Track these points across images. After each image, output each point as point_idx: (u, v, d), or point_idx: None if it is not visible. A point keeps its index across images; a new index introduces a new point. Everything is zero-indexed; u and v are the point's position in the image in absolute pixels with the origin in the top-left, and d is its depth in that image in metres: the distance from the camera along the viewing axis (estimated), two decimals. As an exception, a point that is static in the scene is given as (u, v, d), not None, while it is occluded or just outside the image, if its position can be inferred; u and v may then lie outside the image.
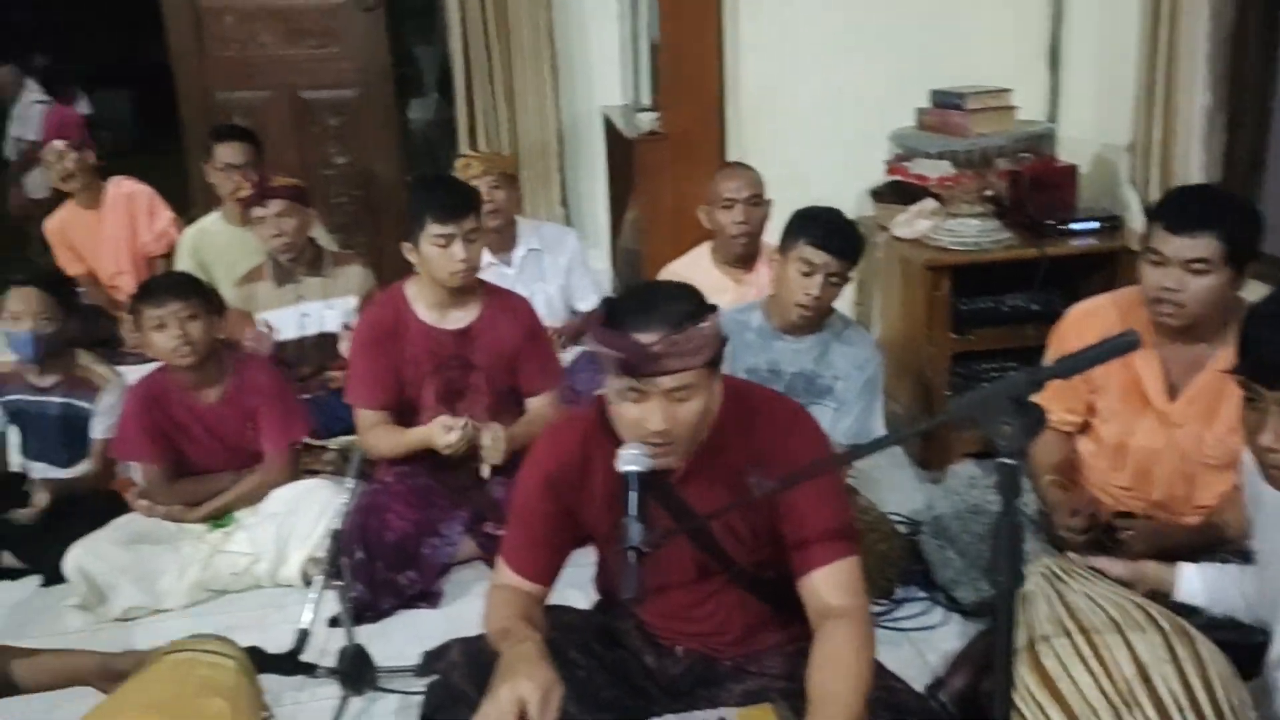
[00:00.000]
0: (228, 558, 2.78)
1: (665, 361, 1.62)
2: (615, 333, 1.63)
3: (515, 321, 2.85)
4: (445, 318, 2.81)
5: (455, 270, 2.69)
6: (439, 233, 2.66)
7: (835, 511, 1.76)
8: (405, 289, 2.84)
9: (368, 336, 2.82)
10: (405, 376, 2.80)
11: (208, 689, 1.65)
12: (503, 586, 1.87)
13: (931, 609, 2.55)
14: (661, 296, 1.68)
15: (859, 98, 3.61)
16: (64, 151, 4.19)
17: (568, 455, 1.83)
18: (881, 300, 3.48)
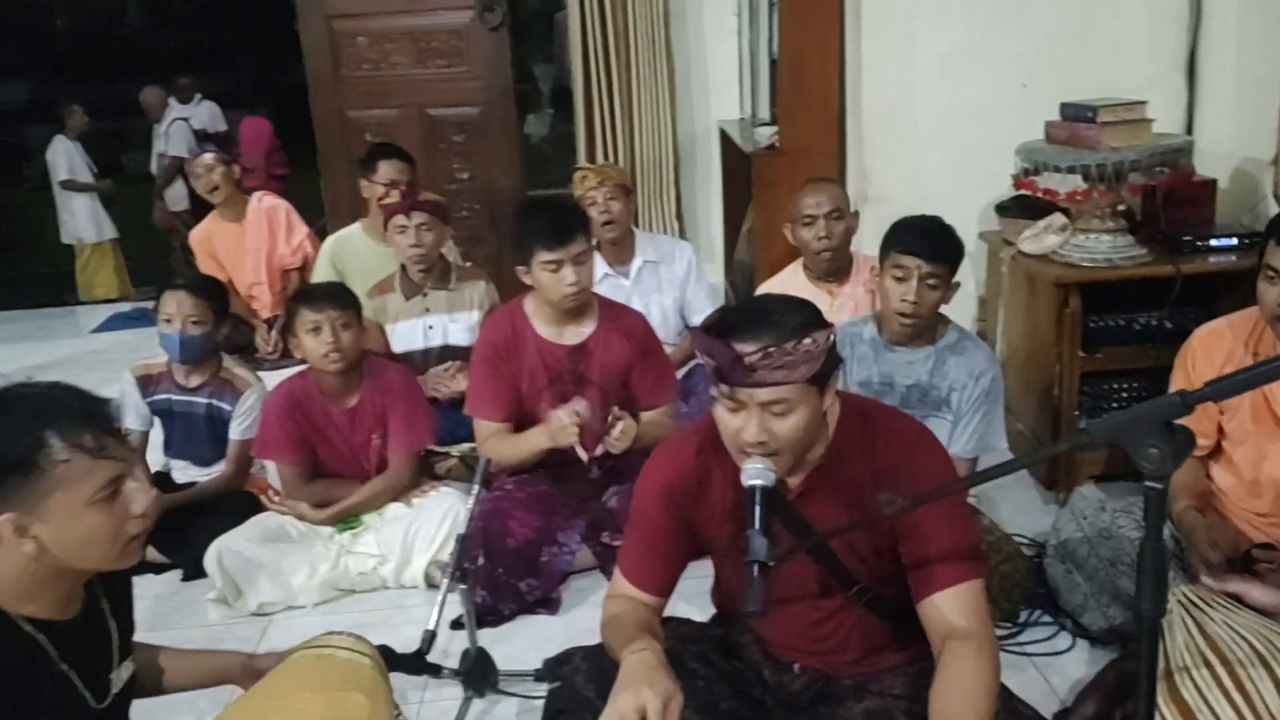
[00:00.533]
0: (356, 558, 2.87)
1: (759, 373, 1.61)
2: (714, 339, 1.64)
3: (629, 337, 2.89)
4: (561, 333, 2.86)
5: (566, 294, 2.75)
6: (548, 259, 2.72)
7: (960, 532, 1.73)
8: (524, 304, 2.91)
9: (487, 351, 2.89)
10: (522, 390, 2.87)
11: (348, 683, 1.72)
12: (620, 597, 1.90)
13: (1058, 634, 2.48)
14: (773, 308, 1.67)
15: (984, 111, 3.55)
16: (213, 164, 4.42)
17: (686, 468, 1.84)
18: (1005, 317, 3.40)
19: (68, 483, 1.41)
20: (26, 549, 1.42)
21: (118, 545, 1.49)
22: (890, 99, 3.62)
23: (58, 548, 1.43)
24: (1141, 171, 2.95)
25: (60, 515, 1.41)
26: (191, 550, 2.88)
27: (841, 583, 1.84)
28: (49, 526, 1.41)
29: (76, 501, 1.42)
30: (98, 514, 1.44)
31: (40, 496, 1.40)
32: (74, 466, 1.41)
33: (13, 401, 1.45)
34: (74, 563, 1.48)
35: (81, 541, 1.45)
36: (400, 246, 3.44)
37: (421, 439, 3.02)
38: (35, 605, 1.49)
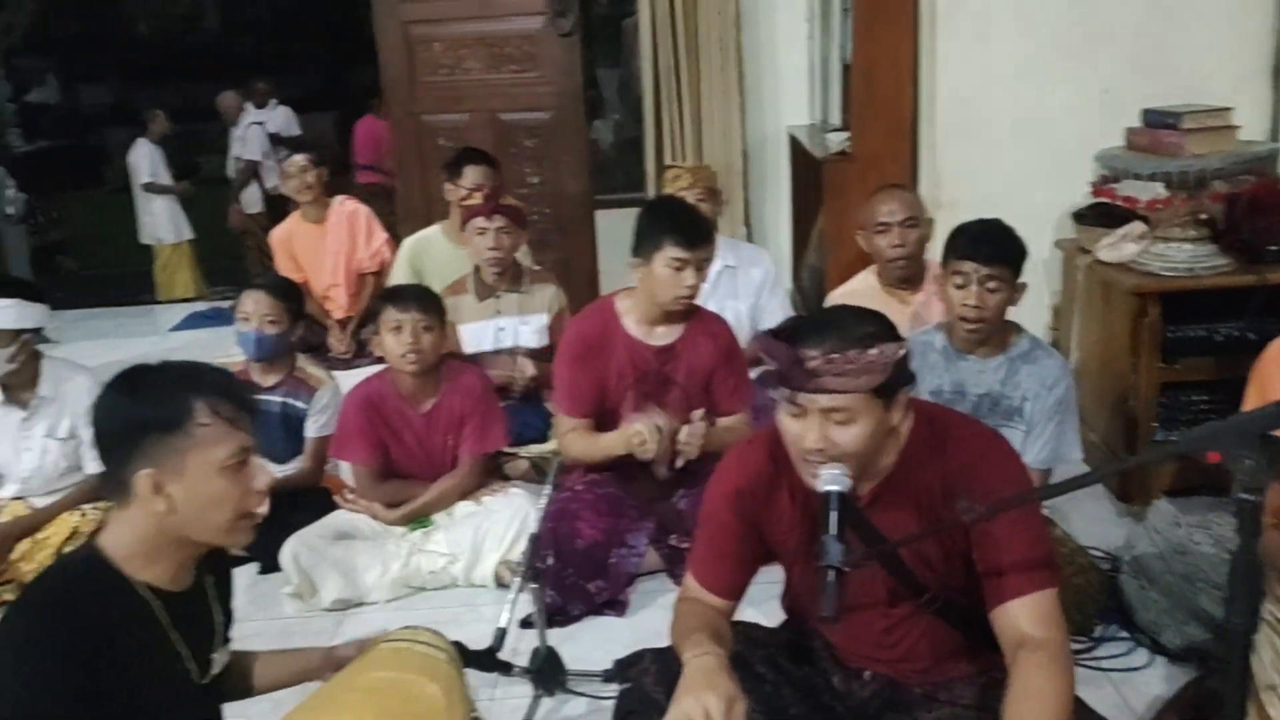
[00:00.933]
0: (427, 557, 2.92)
1: (820, 380, 1.61)
2: (778, 342, 1.64)
3: (714, 342, 2.91)
4: (651, 334, 2.88)
5: (682, 295, 2.77)
6: (677, 256, 2.73)
7: (1033, 541, 1.70)
8: (616, 302, 2.93)
9: (578, 346, 2.91)
10: (608, 388, 2.89)
11: (425, 676, 1.75)
12: (690, 600, 1.90)
13: (1134, 650, 2.43)
14: (842, 316, 1.68)
15: (1062, 116, 3.50)
16: (306, 166, 4.52)
17: (756, 471, 1.84)
18: (1080, 326, 3.35)
19: (205, 445, 1.53)
20: (158, 507, 1.52)
21: (236, 516, 1.58)
22: (965, 104, 3.58)
23: (185, 508, 1.53)
24: (1225, 179, 2.89)
25: (194, 475, 1.53)
26: (268, 544, 2.92)
27: (911, 590, 1.82)
28: (182, 485, 1.52)
29: (210, 464, 1.53)
30: (225, 480, 1.55)
31: (179, 454, 1.52)
32: (213, 431, 1.53)
33: (164, 369, 1.59)
34: (195, 529, 1.57)
35: (207, 504, 1.55)
36: (478, 248, 3.49)
37: (495, 443, 3.06)
38: (154, 572, 1.59)
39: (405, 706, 1.67)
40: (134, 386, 1.56)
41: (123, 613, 1.55)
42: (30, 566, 2.88)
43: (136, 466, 1.52)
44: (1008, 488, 1.72)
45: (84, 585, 1.54)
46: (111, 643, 1.51)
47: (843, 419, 1.63)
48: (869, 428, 1.65)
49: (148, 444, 1.52)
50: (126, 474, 1.53)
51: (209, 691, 1.75)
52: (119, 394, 1.56)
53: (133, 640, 1.55)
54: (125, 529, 1.58)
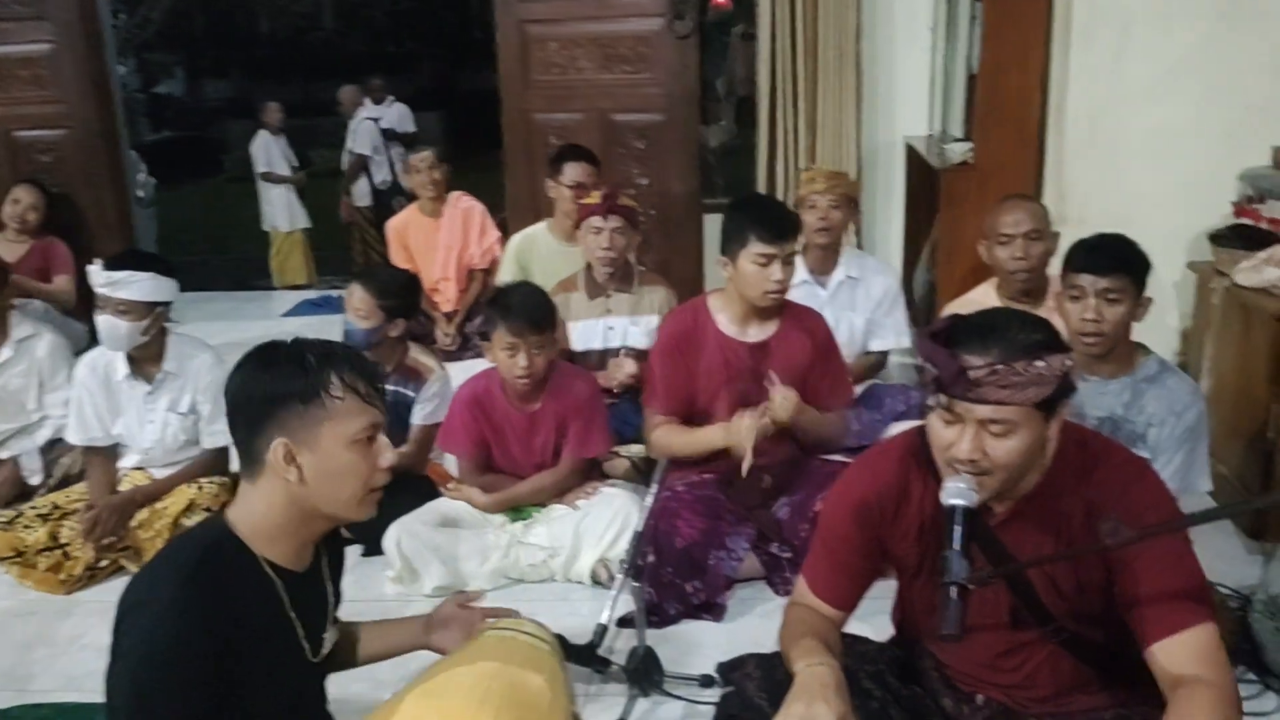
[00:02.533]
0: (526, 549, 2.92)
1: (982, 389, 1.55)
2: (939, 346, 1.58)
3: (810, 338, 2.86)
4: (744, 331, 2.85)
5: (769, 290, 2.74)
6: (761, 251, 2.70)
7: (1183, 573, 1.61)
8: (709, 300, 2.91)
9: (669, 343, 2.91)
10: (699, 385, 2.86)
11: (530, 665, 1.74)
12: (801, 606, 1.86)
13: (1264, 694, 2.30)
14: (1009, 323, 1.60)
15: (1201, 133, 3.35)
16: (433, 162, 4.62)
17: (884, 483, 1.79)
18: (1213, 351, 3.19)
19: (338, 417, 1.58)
20: (289, 476, 1.57)
21: (363, 490, 1.62)
22: (1096, 116, 3.46)
23: (315, 479, 1.58)
24: (1380, 202, 2.72)
25: (325, 446, 1.57)
26: (371, 528, 2.95)
27: (1036, 616, 1.75)
28: (313, 456, 1.57)
29: (342, 437, 1.58)
30: (355, 454, 1.59)
31: (313, 425, 1.57)
32: (346, 404, 1.59)
33: (302, 344, 1.64)
34: (323, 500, 1.60)
35: (337, 476, 1.59)
36: (591, 247, 3.49)
37: (597, 449, 3.04)
38: (278, 550, 1.63)
39: (512, 694, 1.66)
40: (271, 360, 1.60)
41: (250, 589, 1.59)
42: (148, 534, 2.97)
43: (271, 436, 1.56)
44: (1156, 518, 1.63)
45: (217, 558, 1.58)
46: (239, 618, 1.54)
47: (1001, 431, 1.58)
48: (1026, 441, 1.59)
49: (283, 414, 1.56)
50: (260, 444, 1.57)
51: (319, 670, 1.79)
52: (256, 366, 1.61)
53: (257, 617, 1.59)
54: (255, 502, 1.62)
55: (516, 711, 1.64)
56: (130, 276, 2.89)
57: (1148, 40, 3.37)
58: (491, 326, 2.87)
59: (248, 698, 1.56)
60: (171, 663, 1.46)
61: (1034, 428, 1.59)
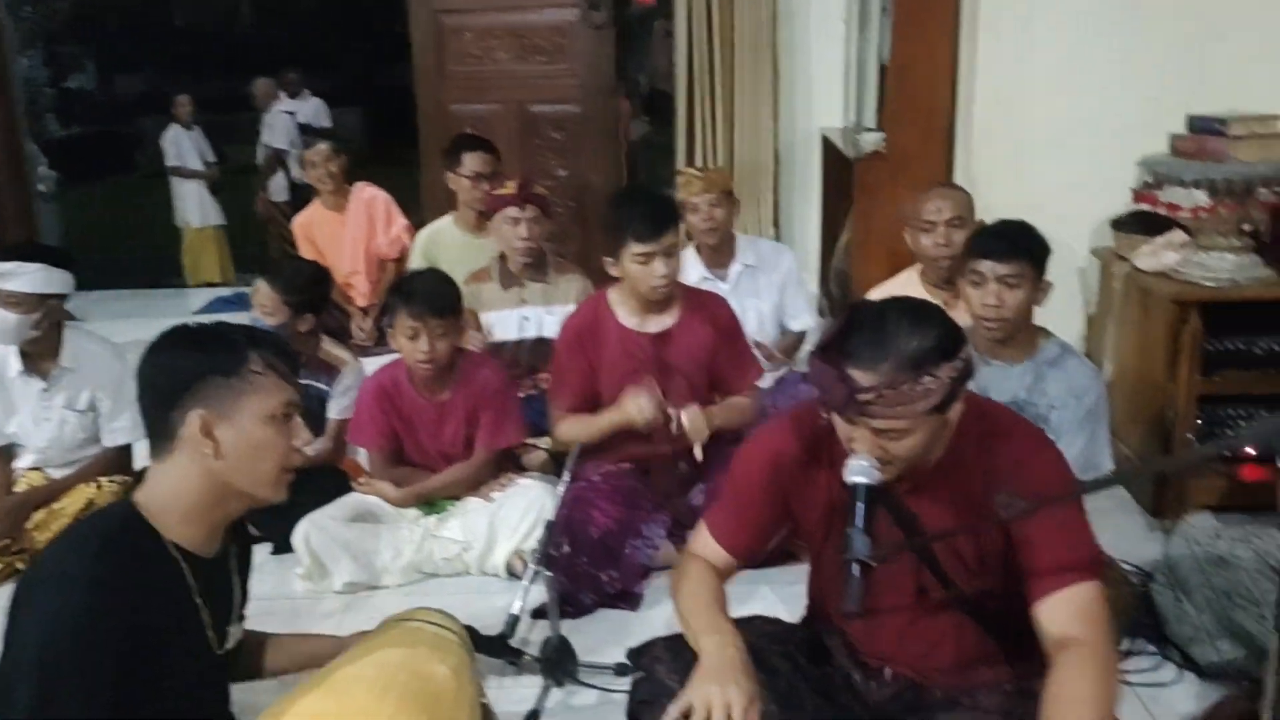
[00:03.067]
0: (440, 543, 2.87)
1: (871, 409, 1.55)
2: (828, 367, 1.56)
3: (712, 323, 2.87)
4: (645, 322, 2.85)
5: (656, 285, 2.75)
6: (639, 251, 2.71)
7: (1075, 540, 1.65)
8: (609, 294, 2.91)
9: (569, 338, 2.91)
10: (603, 379, 2.85)
11: (435, 655, 1.71)
12: (698, 557, 1.86)
13: (1163, 665, 2.36)
14: (899, 330, 1.56)
15: (1103, 122, 3.42)
16: (329, 154, 4.51)
17: (801, 442, 1.79)
18: (1116, 335, 3.27)
19: (259, 392, 1.59)
20: (206, 450, 1.56)
21: (280, 468, 1.63)
22: (1003, 107, 3.51)
23: (233, 454, 1.57)
24: (1271, 188, 2.81)
25: (244, 421, 1.58)
26: (281, 525, 2.90)
27: (941, 586, 1.77)
28: (232, 430, 1.57)
29: (261, 412, 1.59)
30: (273, 430, 1.61)
31: (233, 399, 1.57)
32: (267, 380, 1.60)
33: (224, 325, 1.69)
34: (239, 477, 1.60)
35: (255, 451, 1.59)
36: (508, 238, 3.45)
37: (509, 439, 3.00)
38: (187, 533, 1.60)
39: (415, 684, 1.63)
40: (191, 336, 1.62)
41: (157, 570, 1.56)
42: (45, 536, 2.86)
43: (188, 409, 1.55)
44: (1052, 488, 1.67)
45: (124, 538, 1.55)
46: (146, 597, 1.51)
47: (897, 435, 1.59)
48: (924, 438, 1.61)
49: (202, 387, 1.56)
50: (175, 418, 1.56)
51: (224, 664, 1.74)
52: (175, 342, 1.61)
53: (164, 599, 1.56)
54: (165, 481, 1.59)
55: (420, 702, 1.60)
56: (19, 268, 2.79)
57: (1050, 31, 3.44)
58: (393, 313, 2.82)
59: (152, 682, 1.52)
60: (80, 635, 1.43)
61: (930, 426, 1.60)
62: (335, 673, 1.65)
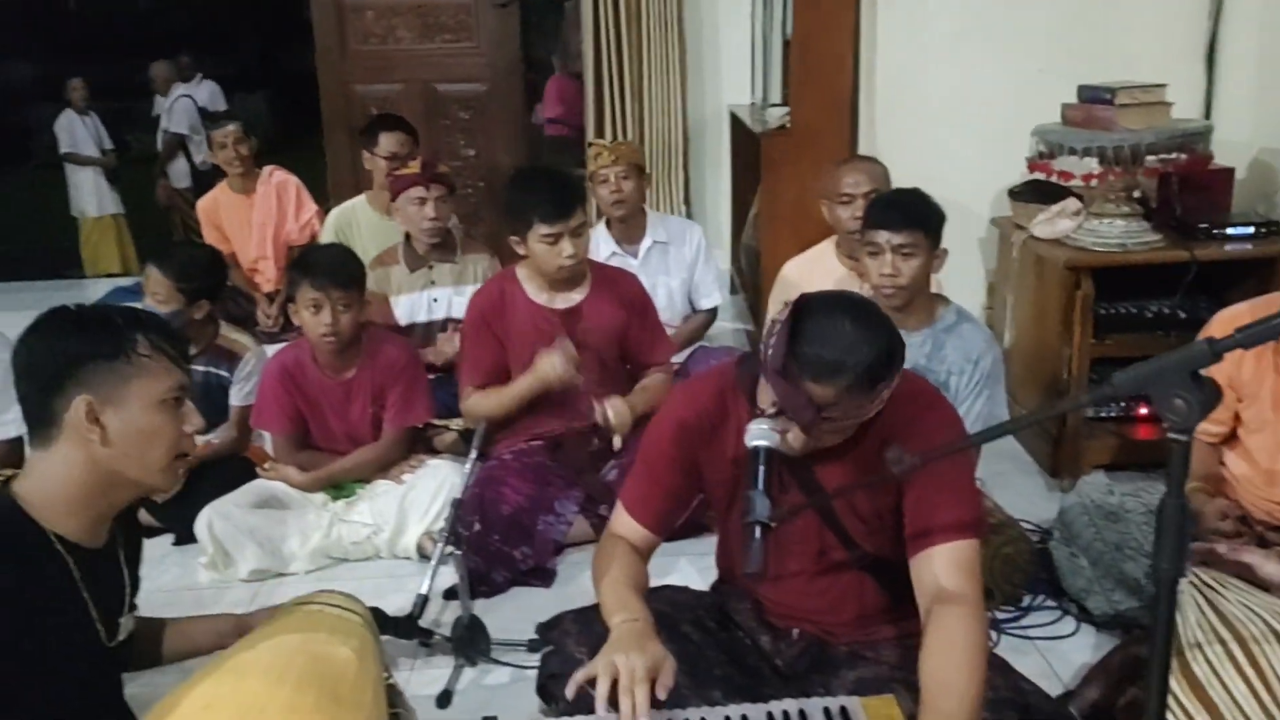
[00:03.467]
0: (349, 527, 2.83)
1: (831, 423, 1.59)
2: (791, 387, 1.56)
3: (622, 300, 2.87)
4: (554, 299, 2.84)
5: (564, 265, 2.74)
6: (546, 232, 2.70)
7: (963, 499, 1.69)
8: (517, 270, 2.89)
9: (475, 315, 2.88)
10: (513, 355, 2.83)
11: (337, 637, 1.68)
12: (616, 536, 1.86)
13: (1061, 618, 2.44)
14: (854, 340, 1.56)
15: (999, 94, 3.50)
16: (238, 136, 4.40)
17: (704, 408, 1.81)
18: (1014, 303, 3.35)
19: (147, 375, 1.54)
20: (92, 437, 1.50)
21: (170, 455, 1.57)
22: (903, 80, 3.57)
23: (120, 441, 1.52)
24: (1159, 155, 2.90)
25: (132, 406, 1.52)
26: (183, 515, 2.83)
27: (842, 544, 1.80)
28: (119, 415, 1.51)
29: (150, 396, 1.54)
30: (163, 415, 1.55)
31: (120, 383, 1.52)
32: (155, 363, 1.55)
33: (109, 308, 1.61)
34: (128, 464, 1.54)
35: (144, 437, 1.54)
36: (413, 218, 3.39)
37: (417, 416, 2.96)
38: (70, 524, 1.54)
39: (314, 667, 1.59)
40: (73, 319, 1.55)
41: (38, 563, 1.50)
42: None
43: (71, 394, 1.49)
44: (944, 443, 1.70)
45: (1, 530, 1.49)
46: (27, 591, 1.46)
47: (835, 428, 1.63)
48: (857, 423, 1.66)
49: (86, 372, 1.50)
50: (58, 404, 1.50)
51: (115, 656, 1.69)
52: (55, 325, 1.55)
53: (46, 592, 1.50)
54: (47, 471, 1.53)
55: (320, 685, 1.57)
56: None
57: (945, 4, 3.50)
58: (295, 286, 2.77)
59: (37, 678, 1.47)
60: None
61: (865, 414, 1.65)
62: (229, 659, 1.60)
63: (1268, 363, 2.17)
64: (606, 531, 1.90)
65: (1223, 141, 3.28)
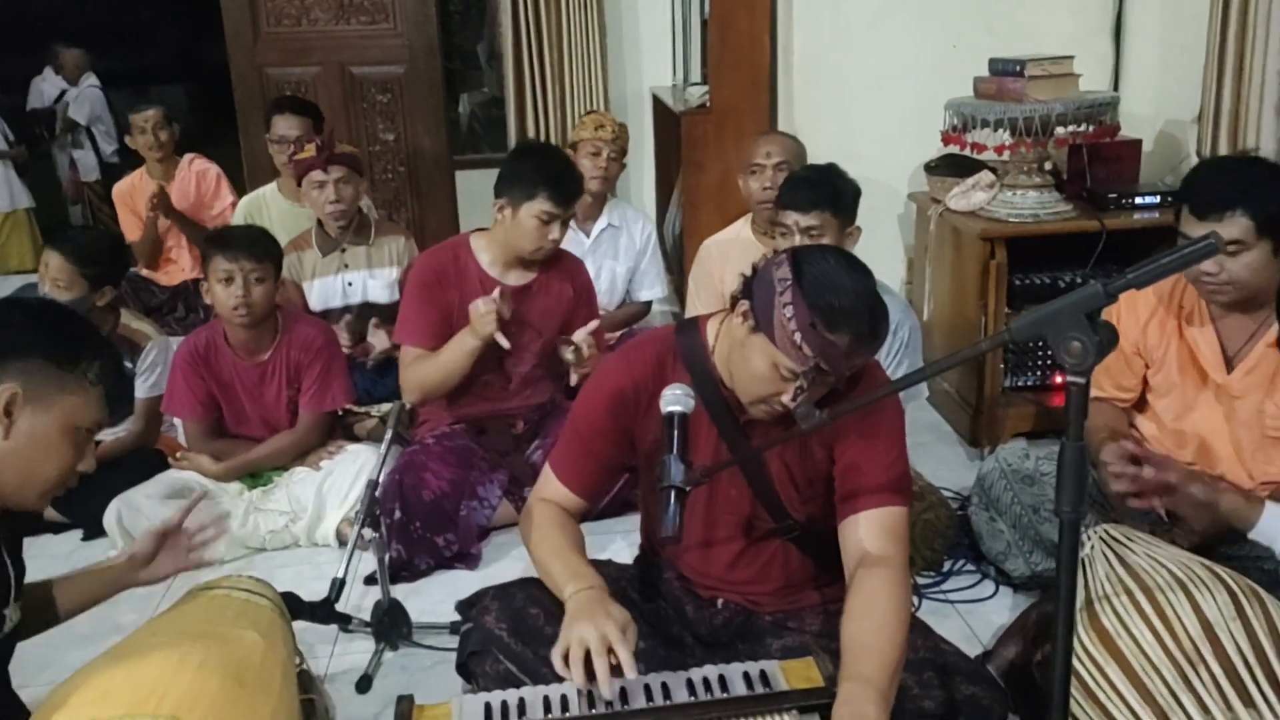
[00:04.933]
0: (266, 515, 2.76)
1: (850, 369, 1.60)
2: (818, 334, 1.54)
3: (570, 284, 2.85)
4: (507, 274, 2.79)
5: (544, 247, 2.70)
6: (548, 210, 2.65)
7: (890, 463, 1.70)
8: (472, 239, 2.82)
9: (426, 276, 2.78)
10: (456, 323, 2.77)
11: (243, 621, 1.63)
12: (546, 502, 1.83)
13: (981, 582, 2.48)
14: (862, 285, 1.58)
15: (914, 70, 3.54)
16: (160, 121, 4.31)
17: (641, 376, 1.78)
18: (932, 275, 3.39)
19: (80, 398, 1.53)
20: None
21: (56, 481, 1.55)
22: (820, 57, 3.59)
23: (20, 445, 1.48)
24: (1068, 125, 2.95)
25: (51, 418, 1.50)
26: (91, 509, 2.73)
27: (772, 514, 1.80)
28: (33, 420, 1.49)
29: (71, 418, 1.52)
30: (70, 442, 1.53)
31: (55, 391, 1.50)
32: (92, 392, 1.55)
33: (75, 316, 1.63)
34: (11, 470, 1.50)
35: (43, 452, 1.51)
36: (317, 203, 3.31)
37: (334, 400, 2.89)
38: None
39: (219, 650, 1.54)
40: (45, 310, 1.58)
41: None
42: None
43: (2, 378, 1.46)
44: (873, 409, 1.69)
45: None
46: None
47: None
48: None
49: (31, 364, 1.48)
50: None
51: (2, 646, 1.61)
52: (19, 308, 1.55)
53: None
54: None
55: (225, 669, 1.52)
56: None
57: (861, -22, 3.53)
58: (208, 262, 2.70)
59: None
60: None
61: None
62: (127, 645, 1.56)
63: (1171, 327, 2.22)
64: (533, 497, 1.87)
65: (1130, 114, 3.36)
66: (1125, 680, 1.56)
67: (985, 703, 1.71)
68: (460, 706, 1.56)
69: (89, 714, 1.40)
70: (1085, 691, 1.60)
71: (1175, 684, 1.50)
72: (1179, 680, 1.51)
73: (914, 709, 1.62)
